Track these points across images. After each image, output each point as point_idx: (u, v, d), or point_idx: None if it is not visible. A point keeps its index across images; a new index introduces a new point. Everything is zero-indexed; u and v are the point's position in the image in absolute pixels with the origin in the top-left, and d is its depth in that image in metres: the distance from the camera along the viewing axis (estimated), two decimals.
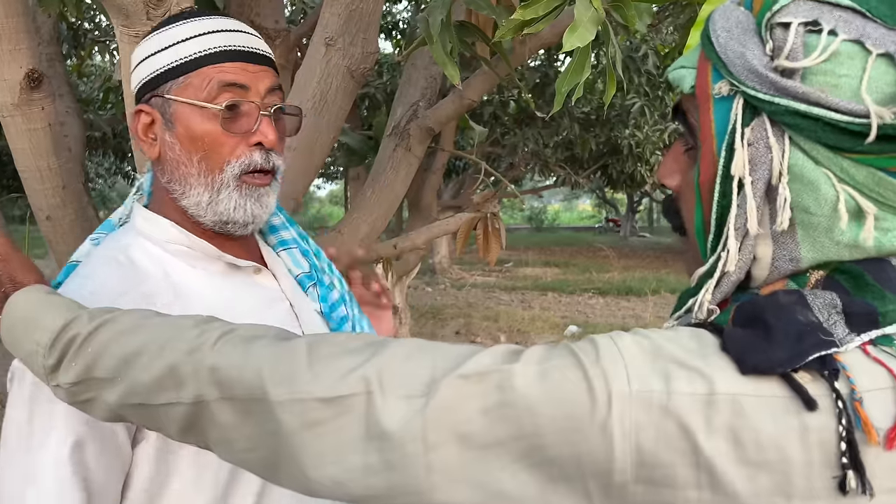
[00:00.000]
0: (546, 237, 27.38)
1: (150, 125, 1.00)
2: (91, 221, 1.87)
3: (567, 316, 9.64)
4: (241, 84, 0.97)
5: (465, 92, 2.25)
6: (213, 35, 0.97)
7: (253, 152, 0.98)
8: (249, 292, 1.04)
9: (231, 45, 0.97)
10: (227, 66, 0.96)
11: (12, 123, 1.66)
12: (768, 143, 0.61)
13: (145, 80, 1.00)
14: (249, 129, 0.97)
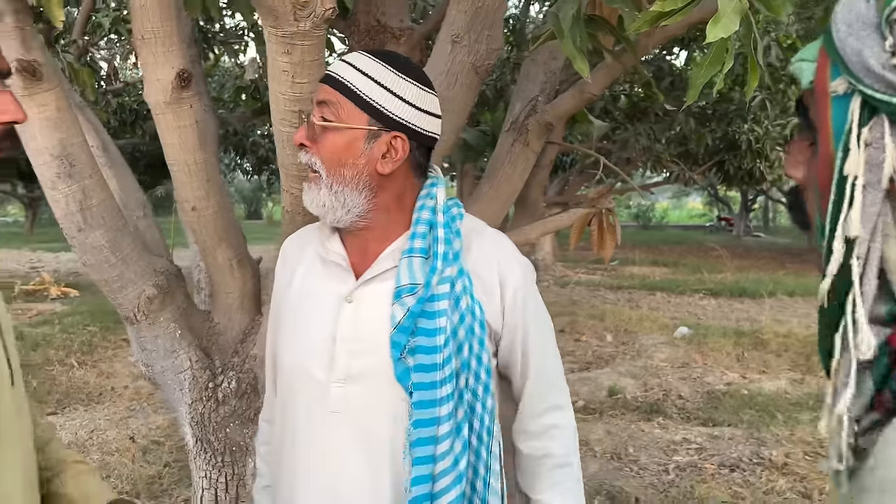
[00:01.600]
0: (654, 235, 26.66)
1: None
2: (229, 212, 1.99)
3: (677, 317, 9.37)
4: (317, 100, 1.21)
5: (587, 86, 2.23)
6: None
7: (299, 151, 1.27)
8: (326, 283, 1.25)
9: (328, 70, 1.21)
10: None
11: (163, 120, 1.79)
12: (885, 144, 0.58)
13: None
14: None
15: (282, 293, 1.33)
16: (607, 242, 3.09)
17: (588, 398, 5.74)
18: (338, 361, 1.18)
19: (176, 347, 1.97)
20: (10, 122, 0.99)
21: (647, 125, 6.94)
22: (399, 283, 1.18)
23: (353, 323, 1.19)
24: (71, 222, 1.77)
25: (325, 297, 1.23)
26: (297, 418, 1.23)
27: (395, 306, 1.17)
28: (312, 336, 1.22)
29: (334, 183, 1.17)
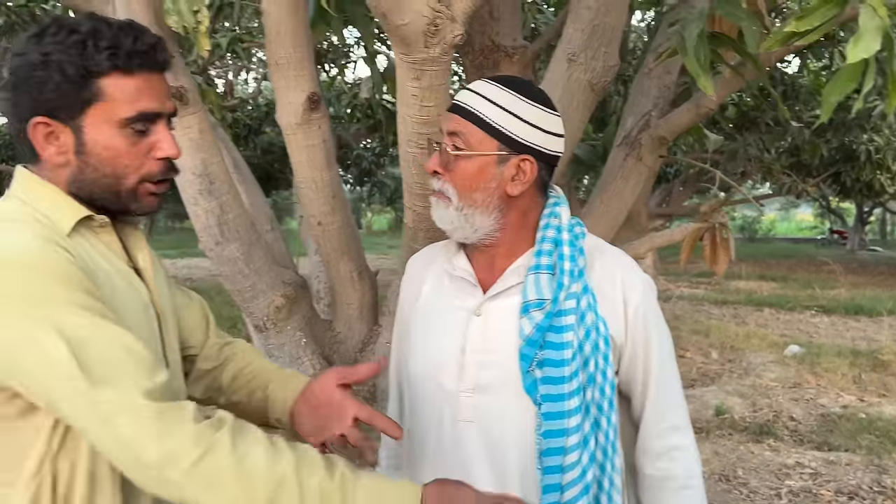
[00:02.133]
0: (760, 248, 25.59)
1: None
2: (352, 227, 2.08)
3: (787, 334, 8.97)
4: (441, 129, 1.29)
5: (703, 100, 2.21)
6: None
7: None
8: (454, 297, 1.30)
9: (455, 100, 1.27)
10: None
11: (294, 140, 1.90)
12: None
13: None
14: None
15: (408, 309, 1.40)
16: (721, 258, 3.02)
17: (694, 417, 5.58)
18: (467, 372, 1.23)
19: (301, 355, 2.08)
20: (167, 156, 1.10)
21: (757, 135, 6.71)
22: (526, 297, 1.22)
23: (482, 335, 1.24)
24: (209, 236, 1.91)
25: (454, 311, 1.28)
26: (426, 427, 1.28)
27: (523, 320, 1.21)
28: (442, 347, 1.27)
29: (465, 206, 1.23)
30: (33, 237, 0.99)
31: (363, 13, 2.06)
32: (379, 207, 32.54)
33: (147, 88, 1.07)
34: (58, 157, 1.06)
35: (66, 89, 1.03)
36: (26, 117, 1.04)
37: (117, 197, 1.08)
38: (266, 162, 10.70)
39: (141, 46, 1.05)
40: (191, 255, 17.20)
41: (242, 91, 11.19)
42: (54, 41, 1.03)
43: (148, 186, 1.09)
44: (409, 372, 1.33)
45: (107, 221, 1.12)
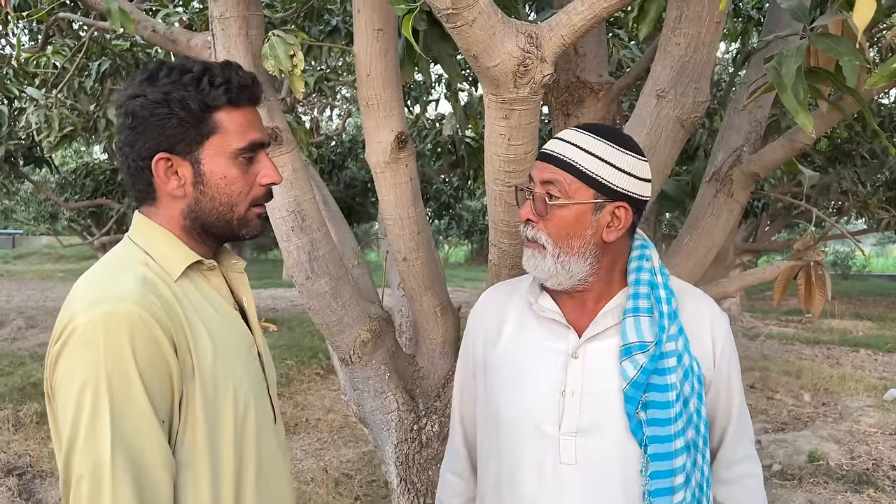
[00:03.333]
0: (854, 285, 24.38)
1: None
2: (436, 263, 2.10)
3: (886, 377, 8.47)
4: (531, 177, 1.33)
5: (798, 135, 2.14)
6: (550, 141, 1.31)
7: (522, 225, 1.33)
8: (547, 339, 1.30)
9: (544, 149, 1.31)
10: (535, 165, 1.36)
11: (382, 178, 1.94)
12: None
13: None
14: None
15: (482, 348, 1.40)
16: (817, 298, 2.89)
17: (786, 462, 5.32)
18: (569, 415, 1.24)
19: (385, 389, 2.10)
20: (272, 183, 1.17)
21: (852, 168, 6.44)
22: (627, 340, 1.25)
23: (582, 377, 1.25)
24: (301, 271, 1.96)
25: (547, 353, 1.29)
26: (523, 470, 1.27)
27: (625, 363, 1.23)
28: (539, 390, 1.27)
29: (561, 253, 1.26)
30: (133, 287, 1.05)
31: (449, 52, 2.10)
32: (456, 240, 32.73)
33: (253, 120, 1.16)
34: (177, 191, 1.13)
35: (188, 124, 1.10)
36: (147, 155, 1.11)
37: (229, 224, 1.15)
38: (348, 196, 10.96)
39: (245, 81, 1.14)
40: (274, 285, 17.67)
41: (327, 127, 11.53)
42: (170, 80, 1.10)
43: (255, 210, 1.17)
44: (498, 415, 1.33)
45: (215, 265, 1.17)
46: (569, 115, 2.55)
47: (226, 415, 1.07)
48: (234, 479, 1.08)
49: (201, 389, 1.04)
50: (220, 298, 1.17)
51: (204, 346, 1.07)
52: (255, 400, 1.12)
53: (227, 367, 1.08)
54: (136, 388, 0.98)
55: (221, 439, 1.06)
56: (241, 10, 1.84)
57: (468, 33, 1.28)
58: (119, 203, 10.51)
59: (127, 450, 0.96)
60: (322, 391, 7.02)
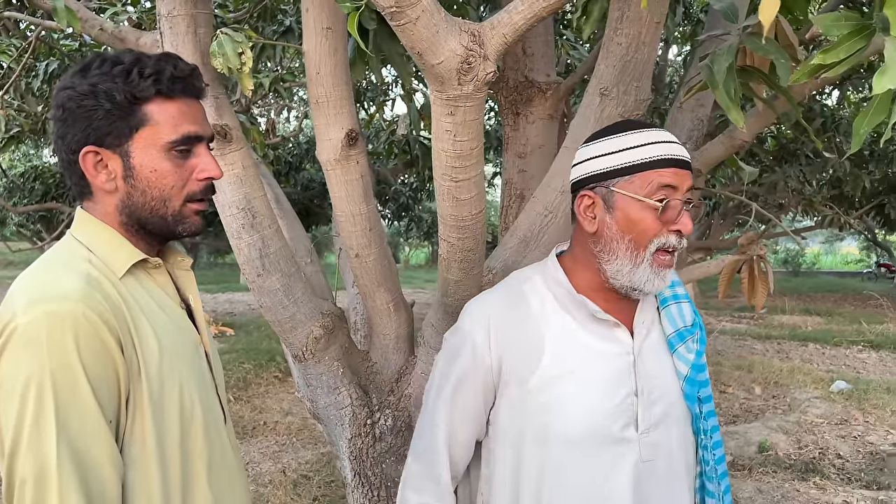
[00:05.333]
0: (804, 282, 25.05)
1: (591, 206, 1.30)
2: (388, 259, 2.12)
3: (833, 370, 8.74)
4: (673, 185, 1.23)
5: (737, 133, 2.22)
6: (655, 146, 1.25)
7: (670, 235, 1.25)
8: (601, 342, 1.29)
9: (669, 155, 1.24)
10: (664, 172, 1.23)
11: (333, 175, 1.95)
12: None
13: (596, 172, 1.28)
14: (673, 219, 1.24)
15: (514, 367, 1.29)
16: (759, 291, 2.99)
17: (737, 453, 5.47)
18: (643, 413, 1.27)
19: (338, 385, 2.11)
20: (210, 177, 1.16)
21: (797, 167, 6.64)
22: (676, 326, 1.33)
23: (646, 374, 1.29)
24: (252, 268, 1.96)
25: (611, 357, 1.29)
26: (588, 479, 1.25)
27: (681, 349, 1.32)
28: (614, 396, 1.26)
29: None
30: (77, 281, 1.03)
31: (400, 52, 2.13)
32: (416, 242, 32.73)
33: (188, 112, 1.13)
34: (107, 184, 1.11)
35: (115, 116, 1.08)
36: (77, 148, 1.10)
37: (164, 220, 1.13)
38: (306, 197, 10.90)
39: (180, 73, 1.12)
40: (232, 289, 17.47)
41: (284, 129, 11.45)
42: (100, 72, 1.08)
43: (192, 206, 1.15)
44: (559, 431, 1.25)
45: (160, 263, 1.17)
46: (518, 113, 2.60)
47: (172, 414, 1.07)
48: (183, 479, 1.07)
49: (148, 389, 1.04)
50: (165, 297, 1.16)
51: (150, 345, 1.06)
52: (202, 399, 1.12)
53: (173, 367, 1.08)
54: (81, 387, 0.96)
55: (168, 439, 1.06)
56: (188, 8, 1.84)
57: (412, 31, 1.31)
58: (70, 207, 10.28)
59: (73, 451, 0.94)
60: (280, 394, 6.98)
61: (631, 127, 1.30)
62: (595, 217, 1.30)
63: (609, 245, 1.28)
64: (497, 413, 1.31)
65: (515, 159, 2.65)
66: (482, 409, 1.31)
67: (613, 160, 1.27)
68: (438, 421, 1.32)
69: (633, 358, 1.28)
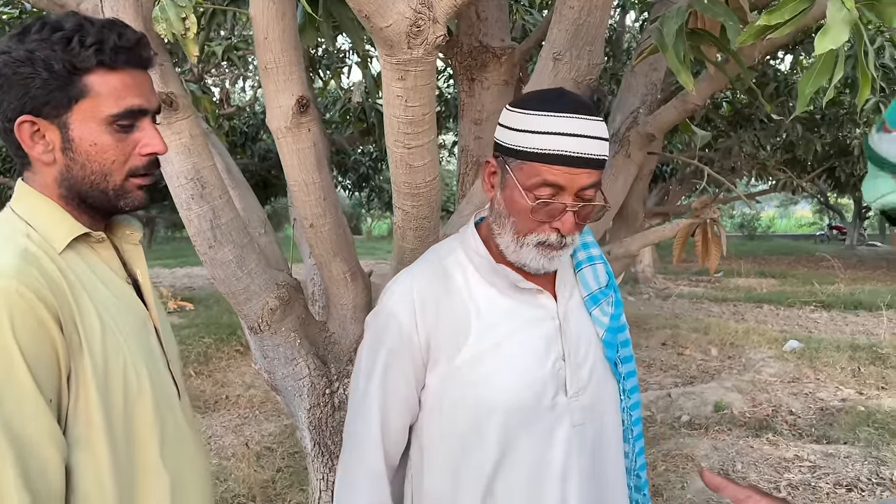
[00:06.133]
0: (759, 245, 25.61)
1: (493, 174, 1.27)
2: (343, 228, 2.10)
3: (786, 330, 8.99)
4: (560, 185, 1.16)
5: (689, 97, 2.23)
6: (554, 137, 1.15)
7: (551, 233, 1.20)
8: (527, 309, 1.27)
9: (565, 151, 1.15)
10: (556, 169, 1.15)
11: (284, 143, 1.92)
12: None
13: (501, 143, 1.24)
14: (551, 218, 1.19)
15: (442, 345, 1.24)
16: (712, 253, 3.04)
17: (693, 413, 5.61)
18: (571, 377, 1.27)
19: (295, 356, 2.10)
20: (153, 152, 1.12)
21: (752, 132, 6.73)
22: (590, 289, 1.33)
23: (569, 337, 1.28)
24: (203, 240, 1.93)
25: (539, 324, 1.27)
26: (520, 449, 1.23)
27: (595, 311, 1.32)
28: (544, 363, 1.25)
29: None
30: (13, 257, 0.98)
31: (350, 17, 2.09)
32: (378, 213, 32.56)
33: (132, 85, 1.08)
34: (45, 156, 1.07)
35: (53, 86, 1.03)
36: (12, 116, 1.05)
37: (105, 194, 1.09)
38: (263, 169, 10.74)
39: (125, 43, 1.06)
40: (190, 264, 17.22)
41: (239, 99, 11.22)
42: (39, 38, 1.03)
43: (135, 181, 1.11)
44: (494, 401, 1.22)
45: (104, 237, 1.12)
46: (473, 79, 2.58)
47: (117, 391, 1.04)
48: (134, 457, 1.05)
49: (91, 366, 1.01)
50: (109, 272, 1.12)
51: (91, 321, 1.02)
52: (152, 376, 1.09)
53: (117, 343, 1.05)
54: (17, 366, 0.92)
55: (115, 416, 1.03)
56: None
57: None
58: (15, 181, 9.96)
59: (9, 431, 0.91)
60: (242, 368, 6.93)
61: (550, 106, 1.17)
62: (493, 187, 1.27)
63: (498, 220, 1.25)
64: (428, 393, 1.26)
65: (471, 126, 2.64)
66: (414, 390, 1.26)
67: (513, 138, 1.20)
68: (370, 409, 1.26)
69: (559, 322, 1.27)
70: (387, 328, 1.26)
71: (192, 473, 1.13)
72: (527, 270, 1.25)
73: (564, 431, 1.23)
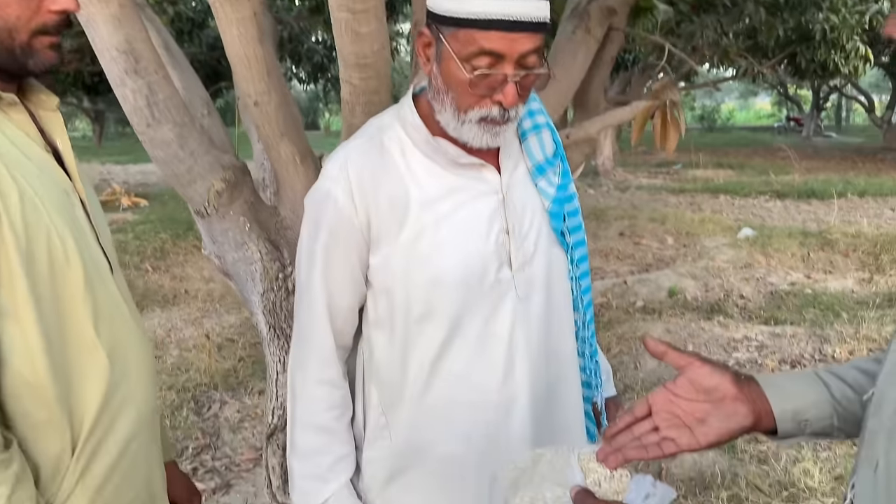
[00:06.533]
0: (719, 137, 25.81)
1: (428, 47, 1.15)
2: (291, 107, 2.01)
3: (740, 219, 9.18)
4: (498, 53, 1.07)
5: None
6: (494, 1, 1.05)
7: (493, 107, 1.11)
8: (470, 184, 1.21)
9: (499, 14, 1.05)
10: (492, 35, 1.06)
11: (222, 13, 1.79)
12: None
13: (433, 10, 1.12)
14: (492, 90, 1.10)
15: (382, 220, 1.19)
16: (671, 136, 3.02)
17: (648, 299, 5.75)
18: (516, 250, 1.22)
19: (245, 240, 2.05)
20: (64, 10, 1.02)
21: (714, 17, 6.60)
22: (536, 160, 1.26)
23: (514, 210, 1.23)
24: (140, 117, 1.83)
25: (480, 198, 1.21)
26: (467, 324, 1.20)
27: (541, 182, 1.26)
28: (488, 237, 1.20)
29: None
30: None
31: None
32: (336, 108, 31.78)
33: None
34: None
35: None
36: None
37: (11, 53, 1.00)
38: (213, 58, 10.29)
39: None
40: (144, 160, 16.77)
41: None
42: None
43: (43, 40, 1.02)
44: (439, 278, 1.18)
45: (15, 100, 1.04)
46: None
47: (42, 263, 0.98)
48: (66, 330, 1.01)
49: (12, 235, 0.95)
50: (26, 139, 1.04)
51: (7, 189, 0.96)
52: (80, 248, 1.04)
53: (37, 210, 0.98)
54: None
55: (42, 289, 0.98)
56: None
57: None
58: None
59: None
60: (200, 262, 6.86)
61: None
62: (428, 60, 1.16)
63: (437, 95, 1.15)
64: (373, 272, 1.22)
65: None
66: (358, 270, 1.22)
67: (444, 3, 1.09)
68: (316, 292, 1.23)
69: (503, 196, 1.22)
70: (324, 209, 1.21)
71: (131, 350, 1.09)
72: (469, 147, 1.17)
73: (511, 303, 1.21)
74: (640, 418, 0.92)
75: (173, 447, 1.35)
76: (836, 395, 0.88)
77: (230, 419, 3.72)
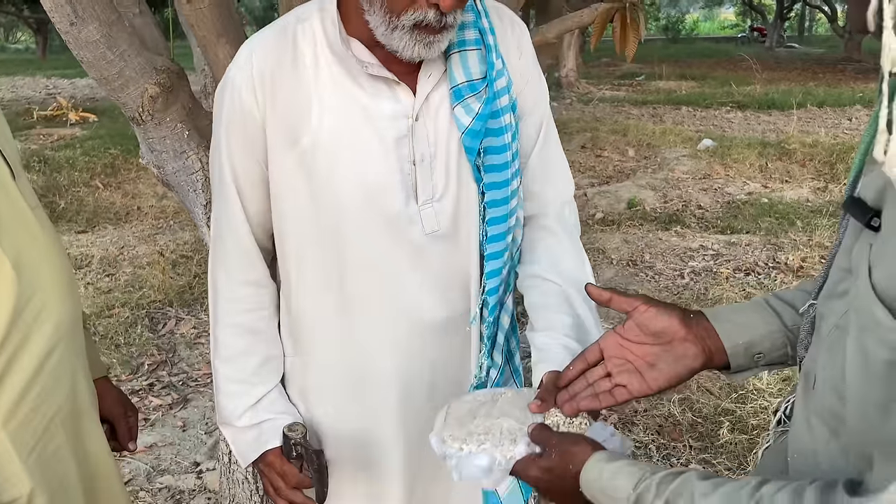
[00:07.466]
0: (682, 49, 25.54)
1: None
2: (228, 6, 1.88)
3: (702, 130, 9.18)
4: None
5: None
6: None
7: (428, 10, 0.99)
8: (376, 103, 1.08)
9: None
10: None
11: None
12: None
13: None
14: None
15: (285, 127, 1.09)
16: (630, 40, 2.93)
17: (607, 210, 5.77)
18: (423, 183, 1.11)
19: (185, 148, 1.95)
20: None
21: None
22: (455, 81, 1.10)
23: (426, 139, 1.10)
24: (62, 15, 1.69)
25: (387, 120, 1.09)
26: (371, 256, 1.13)
27: (457, 108, 1.09)
28: (390, 164, 1.09)
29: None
30: None
31: None
32: None
33: None
34: None
35: None
36: None
37: None
38: None
39: None
40: None
41: None
42: None
43: None
44: (338, 202, 1.10)
45: None
46: None
47: None
48: None
49: None
50: None
51: None
52: None
53: None
54: None
55: None
56: None
57: None
58: None
59: None
60: (152, 179, 6.66)
61: None
62: None
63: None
64: (274, 184, 1.13)
65: None
66: (263, 167, 1.13)
67: None
68: (226, 186, 1.14)
69: (412, 121, 1.09)
70: (227, 100, 1.11)
71: (43, 261, 1.01)
72: (401, 58, 1.05)
73: (417, 238, 1.12)
74: (592, 364, 0.91)
75: (103, 363, 1.30)
76: (787, 323, 0.86)
77: (186, 335, 3.68)
